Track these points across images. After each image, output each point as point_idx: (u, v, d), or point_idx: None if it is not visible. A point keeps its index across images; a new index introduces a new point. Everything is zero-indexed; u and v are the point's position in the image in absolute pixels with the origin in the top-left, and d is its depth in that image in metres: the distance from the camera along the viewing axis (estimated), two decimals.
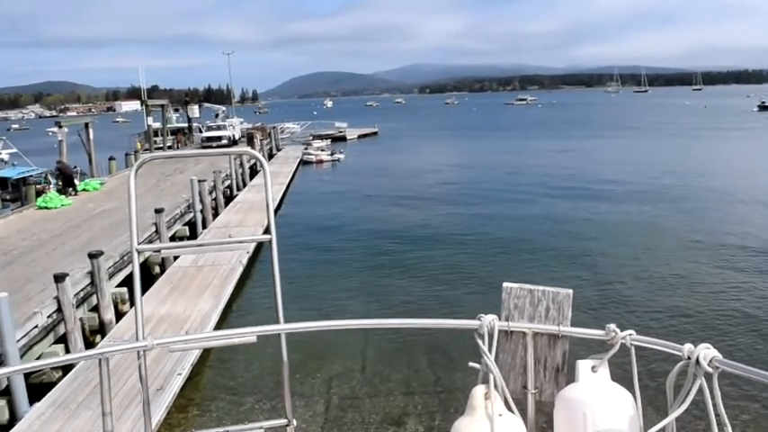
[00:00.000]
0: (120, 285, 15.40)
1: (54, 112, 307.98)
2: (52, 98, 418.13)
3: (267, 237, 2.71)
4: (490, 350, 2.37)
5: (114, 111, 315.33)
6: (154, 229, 18.13)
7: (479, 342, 2.39)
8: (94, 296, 13.34)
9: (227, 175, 30.71)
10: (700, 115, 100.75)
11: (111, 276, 14.69)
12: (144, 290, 14.99)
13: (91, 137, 31.17)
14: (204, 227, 23.06)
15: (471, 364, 2.41)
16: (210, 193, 26.55)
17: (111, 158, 34.50)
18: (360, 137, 71.70)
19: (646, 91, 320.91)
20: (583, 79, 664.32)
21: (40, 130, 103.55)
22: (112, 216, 20.79)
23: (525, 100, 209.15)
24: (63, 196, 24.17)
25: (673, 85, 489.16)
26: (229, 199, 29.34)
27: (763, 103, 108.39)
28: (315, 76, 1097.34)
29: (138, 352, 2.37)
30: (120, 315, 14.25)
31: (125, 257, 15.71)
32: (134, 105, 54.61)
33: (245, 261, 17.48)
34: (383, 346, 11.80)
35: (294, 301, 15.19)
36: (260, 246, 19.81)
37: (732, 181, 32.51)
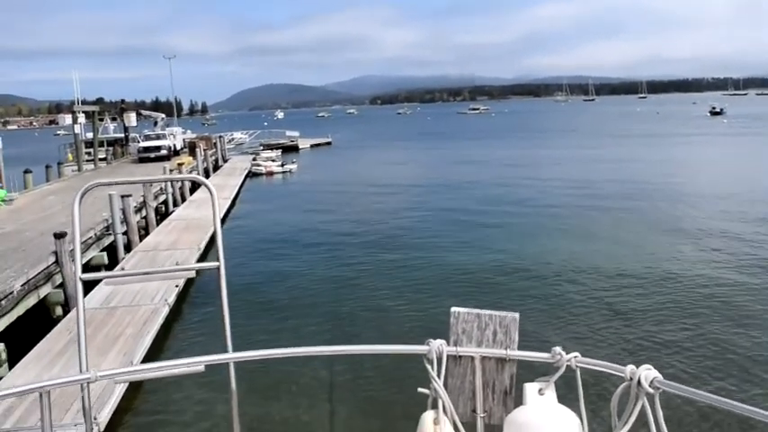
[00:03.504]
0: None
1: None
2: None
3: (215, 264, 2.70)
4: (439, 375, 2.37)
5: (57, 123, 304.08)
6: (53, 259, 14.07)
7: (428, 367, 2.38)
8: None
9: (161, 188, 26.63)
10: (656, 122, 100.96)
11: None
12: (33, 343, 11.28)
13: None
14: (129, 250, 19.09)
15: (420, 389, 2.43)
16: (140, 210, 22.55)
17: (26, 171, 29.91)
18: (313, 147, 67.95)
19: (593, 100, 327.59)
20: (531, 89, 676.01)
21: None
22: (4, 242, 16.66)
23: (478, 109, 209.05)
24: None
25: (618, 93, 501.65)
26: (164, 216, 25.34)
27: (714, 108, 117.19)
28: (266, 88, 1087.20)
29: (81, 385, 2.36)
30: None
31: (2, 302, 11.72)
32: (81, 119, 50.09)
33: (171, 300, 13.65)
34: (333, 372, 10.90)
35: (237, 329, 11.67)
36: (193, 278, 16.08)
37: (701, 187, 30.64)
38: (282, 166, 45.16)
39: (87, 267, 16.60)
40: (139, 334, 11.69)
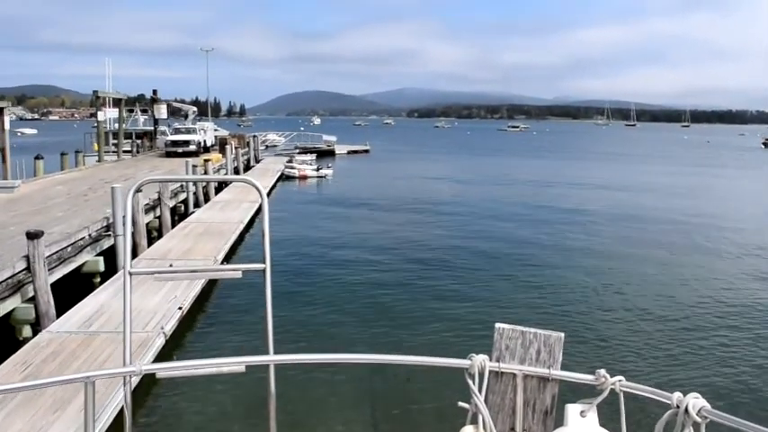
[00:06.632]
0: None
1: (36, 115, 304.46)
2: (35, 101, 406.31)
3: (261, 266, 2.68)
4: (480, 390, 2.33)
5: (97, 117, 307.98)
6: (23, 265, 11.01)
7: (469, 382, 2.34)
8: None
9: (181, 186, 23.57)
10: (711, 150, 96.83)
11: None
12: None
13: (6, 127, 23.44)
14: (135, 255, 16.04)
15: (461, 403, 2.38)
16: (152, 209, 19.58)
17: (37, 157, 27.25)
18: (350, 153, 65.03)
19: (634, 125, 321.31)
20: (570, 111, 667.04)
21: (12, 131, 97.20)
22: None
23: (518, 127, 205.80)
24: None
25: (659, 121, 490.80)
26: (182, 217, 22.36)
27: (767, 140, 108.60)
28: (304, 94, 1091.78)
29: (125, 377, 2.39)
30: None
31: None
32: (115, 112, 48.58)
33: (169, 328, 10.48)
34: (373, 381, 10.31)
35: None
36: (203, 300, 13.01)
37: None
38: (318, 170, 42.21)
39: (76, 274, 13.60)
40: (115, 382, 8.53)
